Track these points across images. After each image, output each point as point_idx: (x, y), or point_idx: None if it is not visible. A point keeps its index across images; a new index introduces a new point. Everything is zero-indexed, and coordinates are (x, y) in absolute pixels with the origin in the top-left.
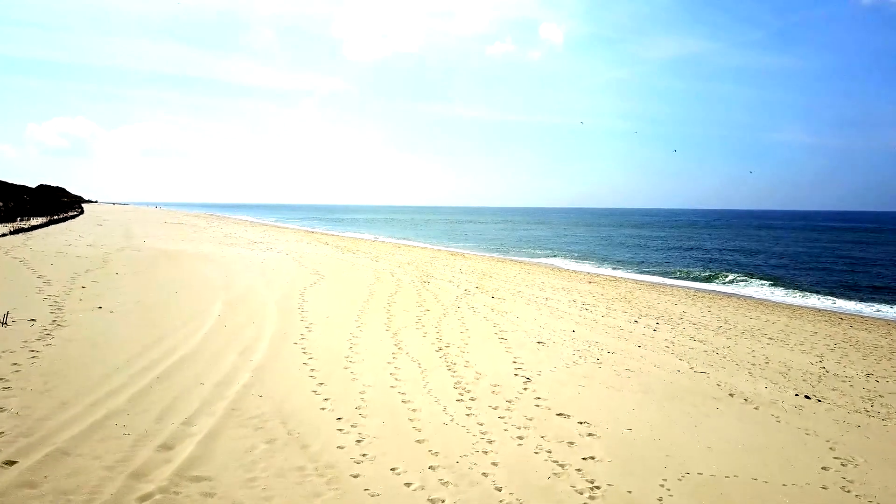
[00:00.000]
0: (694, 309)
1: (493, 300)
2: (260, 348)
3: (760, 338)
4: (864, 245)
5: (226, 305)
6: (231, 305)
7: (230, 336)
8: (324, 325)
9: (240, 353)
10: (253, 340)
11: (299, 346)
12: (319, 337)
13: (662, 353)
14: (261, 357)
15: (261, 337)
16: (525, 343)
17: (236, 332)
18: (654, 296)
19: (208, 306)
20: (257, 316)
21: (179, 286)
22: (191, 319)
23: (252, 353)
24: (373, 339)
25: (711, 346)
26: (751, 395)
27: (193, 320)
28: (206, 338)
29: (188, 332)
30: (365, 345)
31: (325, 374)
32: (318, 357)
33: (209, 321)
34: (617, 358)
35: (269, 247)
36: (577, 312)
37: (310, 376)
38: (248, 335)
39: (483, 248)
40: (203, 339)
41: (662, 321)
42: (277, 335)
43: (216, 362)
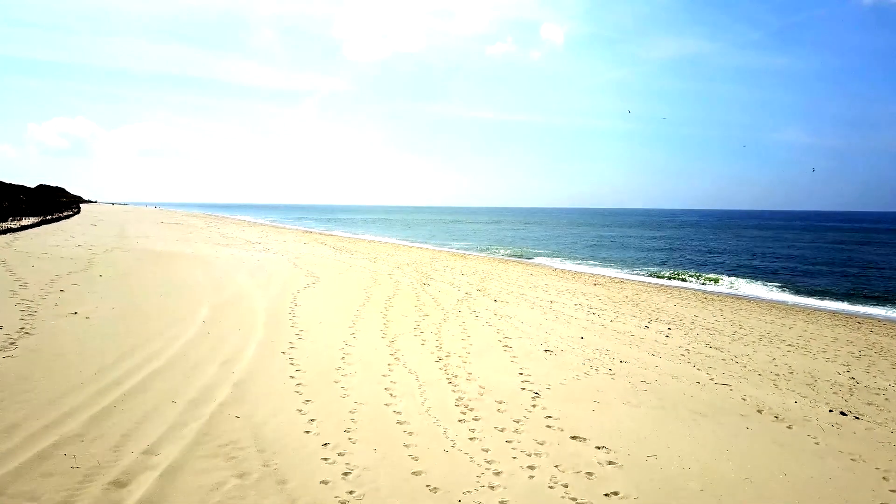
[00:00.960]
0: (705, 312)
1: (496, 303)
2: (244, 359)
3: (779, 344)
4: (871, 246)
5: (212, 310)
6: (218, 310)
7: (213, 345)
8: (315, 333)
9: (221, 365)
10: (237, 350)
11: (287, 357)
12: (310, 346)
13: (678, 362)
14: (244, 369)
15: (246, 345)
16: (531, 351)
17: (220, 340)
18: (662, 298)
19: (193, 311)
20: (245, 322)
21: (165, 289)
22: (172, 326)
23: (235, 364)
24: (367, 347)
25: (729, 354)
26: (781, 412)
27: (175, 327)
28: (187, 347)
29: (167, 340)
30: (358, 354)
31: (313, 390)
32: (307, 369)
33: (192, 328)
34: (631, 368)
35: (266, 247)
36: (584, 317)
37: (295, 392)
38: (233, 343)
39: (484, 248)
40: (183, 348)
41: (674, 326)
42: (264, 344)
43: (194, 375)
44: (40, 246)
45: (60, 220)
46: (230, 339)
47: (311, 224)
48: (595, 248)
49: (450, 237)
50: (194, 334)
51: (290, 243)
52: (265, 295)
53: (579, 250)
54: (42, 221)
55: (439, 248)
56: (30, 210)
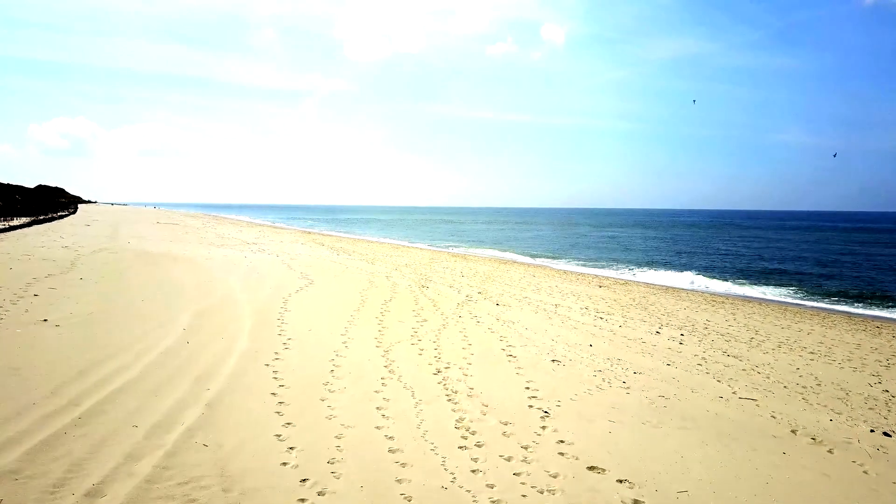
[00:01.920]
0: (717, 316)
1: (498, 307)
2: (222, 372)
3: (800, 352)
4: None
5: (195, 316)
6: (201, 316)
7: (190, 356)
8: (304, 341)
9: (196, 380)
10: (216, 361)
11: (271, 370)
12: (297, 356)
13: (696, 372)
14: (221, 385)
15: (227, 357)
16: (538, 361)
17: (199, 351)
18: (670, 301)
19: (174, 317)
20: (229, 329)
21: (148, 293)
22: (149, 334)
23: (211, 379)
24: (360, 358)
25: (749, 363)
26: (818, 432)
27: (152, 335)
28: (161, 358)
29: (141, 350)
30: (350, 366)
31: (296, 410)
32: (292, 384)
33: (170, 336)
34: (646, 380)
35: (261, 248)
36: (591, 322)
37: (276, 412)
38: (213, 354)
39: (484, 248)
40: (156, 360)
41: (687, 332)
42: (247, 354)
43: (163, 393)
44: (25, 247)
45: (53, 220)
46: (210, 348)
47: (311, 224)
48: (597, 248)
49: (450, 237)
50: (172, 344)
51: (286, 244)
52: (254, 299)
53: (581, 251)
54: (33, 222)
55: (439, 248)
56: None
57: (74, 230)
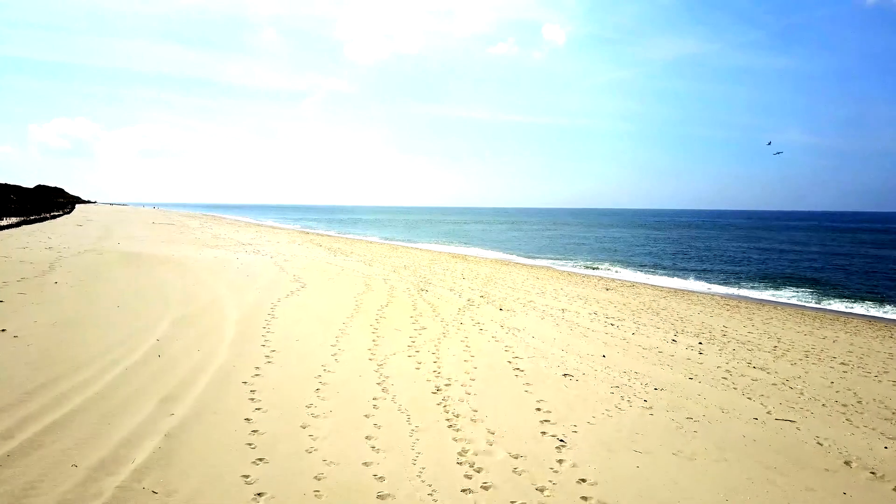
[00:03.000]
0: (734, 322)
1: (502, 313)
2: (192, 393)
3: (830, 362)
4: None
5: (173, 324)
6: (180, 324)
7: (159, 371)
8: (290, 354)
9: (161, 401)
10: (188, 379)
11: (248, 389)
12: (279, 373)
13: (722, 387)
14: (187, 408)
15: (201, 372)
16: (547, 376)
17: (170, 365)
18: (682, 305)
19: (150, 326)
20: (208, 339)
21: (126, 299)
22: (118, 346)
23: (178, 400)
24: (350, 374)
25: (778, 377)
26: (875, 464)
27: (121, 347)
28: (125, 375)
29: (104, 366)
30: (338, 384)
31: (271, 440)
32: (270, 406)
33: (142, 348)
34: (669, 398)
35: (256, 249)
36: (601, 329)
37: (247, 444)
38: (185, 369)
39: (486, 249)
40: (120, 377)
41: (705, 340)
42: (224, 370)
43: (118, 419)
44: (5, 248)
45: (45, 220)
46: (184, 363)
47: (310, 224)
48: (600, 249)
49: (450, 238)
50: (141, 357)
51: (283, 244)
52: (240, 304)
53: (585, 252)
54: (23, 222)
55: (439, 249)
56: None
57: (65, 230)
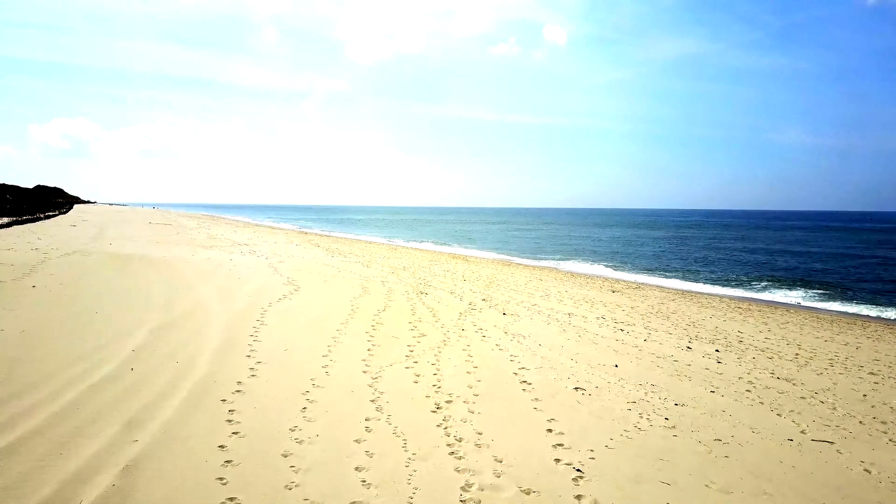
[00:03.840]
0: (748, 326)
1: (505, 317)
2: (162, 414)
3: (858, 372)
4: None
5: (153, 333)
6: (160, 333)
7: (129, 388)
8: (277, 366)
9: (126, 425)
10: (160, 396)
11: (226, 408)
12: (264, 388)
13: (748, 402)
14: (155, 432)
15: (176, 388)
16: (558, 390)
17: (143, 381)
18: (692, 308)
19: (127, 334)
20: (188, 349)
21: (106, 303)
22: (87, 358)
23: (146, 423)
24: (342, 389)
25: (805, 389)
26: None
27: (91, 358)
28: (91, 392)
29: (69, 380)
30: (328, 402)
31: (246, 472)
32: (249, 430)
33: (114, 359)
34: (692, 415)
35: (252, 249)
36: (611, 335)
37: (217, 479)
38: (158, 386)
39: (487, 249)
40: (84, 394)
41: (721, 346)
42: (202, 386)
43: (73, 447)
44: None
45: (39, 220)
46: (158, 377)
47: (309, 224)
48: (603, 249)
49: (451, 238)
50: (112, 370)
51: (280, 244)
52: (228, 310)
53: (587, 252)
54: (14, 222)
55: (439, 249)
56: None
57: (57, 231)
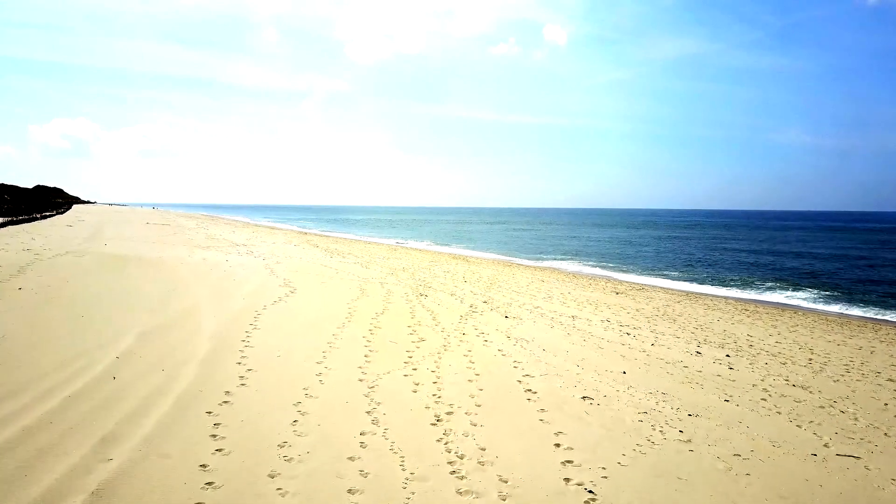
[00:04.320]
0: (757, 330)
1: (508, 321)
2: (142, 429)
3: (875, 378)
4: None
5: (139, 339)
6: (147, 338)
7: (109, 399)
8: (268, 374)
9: (101, 441)
10: (140, 409)
11: (211, 422)
12: (253, 398)
13: (764, 411)
14: (131, 450)
15: (159, 400)
16: (564, 399)
17: (124, 391)
18: (698, 311)
19: (111, 341)
20: (175, 356)
21: (93, 307)
22: (67, 366)
23: (122, 440)
24: (336, 400)
25: (823, 397)
26: None
27: (71, 366)
28: (66, 405)
29: (45, 391)
30: (321, 414)
31: (228, 499)
32: (234, 446)
33: (96, 367)
34: (707, 427)
35: (249, 250)
36: (617, 338)
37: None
38: (140, 396)
39: (487, 250)
40: (59, 406)
41: (731, 350)
42: (187, 396)
43: (40, 468)
44: None
45: (35, 220)
46: (141, 387)
47: (309, 225)
48: (605, 250)
49: (451, 238)
50: (91, 380)
51: (278, 245)
52: (220, 313)
53: (589, 253)
54: (9, 222)
55: (439, 249)
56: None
57: (52, 231)
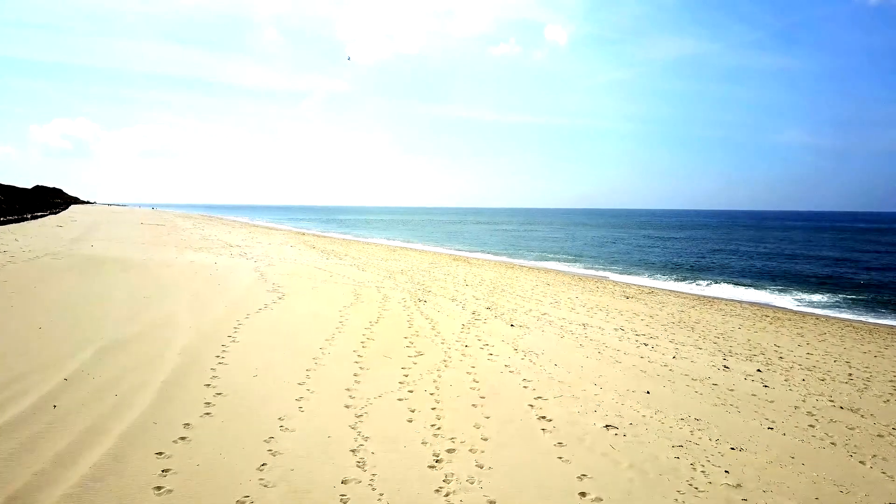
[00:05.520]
0: (785, 339)
1: (514, 329)
2: (67, 477)
3: None
4: None
5: (99, 353)
6: (107, 353)
7: (39, 435)
8: (238, 399)
9: (8, 500)
10: (75, 445)
11: (159, 467)
12: (216, 434)
13: (816, 442)
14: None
15: (98, 436)
16: (585, 430)
17: (61, 423)
18: (716, 317)
19: (68, 356)
20: (136, 376)
21: (55, 316)
22: (4, 390)
23: (39, 494)
24: (316, 434)
25: (877, 422)
26: None
27: (5, 391)
28: None
29: None
30: (295, 455)
31: None
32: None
33: (34, 393)
34: (757, 465)
35: (242, 252)
36: (634, 350)
37: None
38: (78, 430)
39: (489, 251)
40: None
41: (761, 364)
42: (136, 431)
43: None
44: None
45: (24, 220)
46: (80, 420)
47: (308, 225)
48: (609, 251)
49: (451, 239)
50: (24, 410)
51: (274, 246)
52: (198, 323)
53: (593, 254)
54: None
55: (439, 250)
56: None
57: (39, 231)
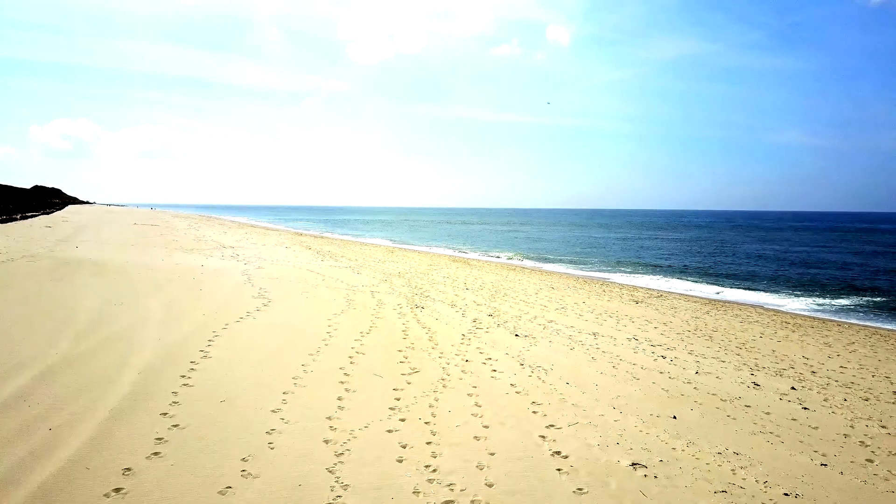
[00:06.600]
0: (812, 350)
1: (518, 340)
2: None
3: None
4: None
5: (44, 374)
6: (55, 373)
7: None
8: (198, 434)
9: None
10: None
11: None
12: (161, 481)
13: (881, 482)
14: None
15: (12, 485)
16: (608, 469)
17: None
18: (733, 324)
19: (2, 378)
20: (76, 404)
21: (9, 325)
22: None
23: None
24: (284, 481)
25: None
26: None
27: None
28: None
29: None
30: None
31: None
32: None
33: None
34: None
35: (235, 253)
36: (651, 364)
37: None
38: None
39: (490, 252)
40: None
41: (793, 380)
42: (61, 482)
43: None
44: None
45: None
46: None
47: (307, 225)
48: (613, 252)
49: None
50: None
51: (268, 247)
52: (168, 334)
53: (597, 255)
54: None
55: (439, 251)
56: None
57: (26, 232)
